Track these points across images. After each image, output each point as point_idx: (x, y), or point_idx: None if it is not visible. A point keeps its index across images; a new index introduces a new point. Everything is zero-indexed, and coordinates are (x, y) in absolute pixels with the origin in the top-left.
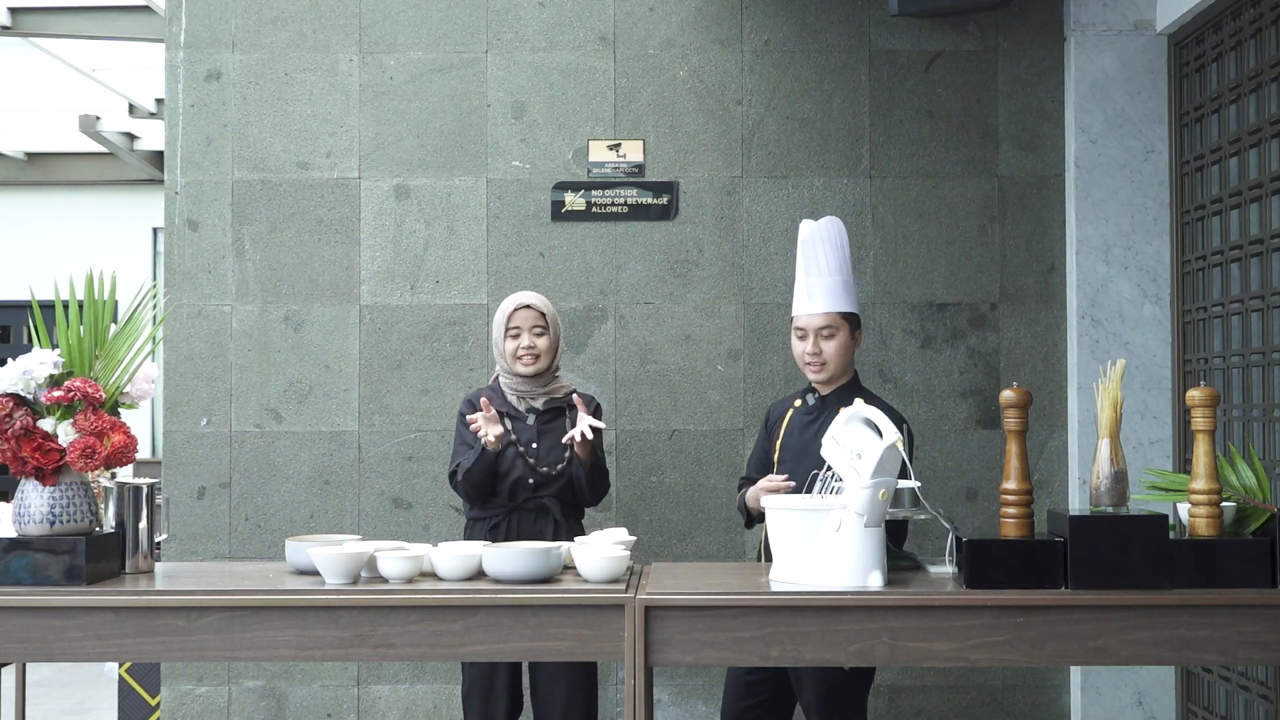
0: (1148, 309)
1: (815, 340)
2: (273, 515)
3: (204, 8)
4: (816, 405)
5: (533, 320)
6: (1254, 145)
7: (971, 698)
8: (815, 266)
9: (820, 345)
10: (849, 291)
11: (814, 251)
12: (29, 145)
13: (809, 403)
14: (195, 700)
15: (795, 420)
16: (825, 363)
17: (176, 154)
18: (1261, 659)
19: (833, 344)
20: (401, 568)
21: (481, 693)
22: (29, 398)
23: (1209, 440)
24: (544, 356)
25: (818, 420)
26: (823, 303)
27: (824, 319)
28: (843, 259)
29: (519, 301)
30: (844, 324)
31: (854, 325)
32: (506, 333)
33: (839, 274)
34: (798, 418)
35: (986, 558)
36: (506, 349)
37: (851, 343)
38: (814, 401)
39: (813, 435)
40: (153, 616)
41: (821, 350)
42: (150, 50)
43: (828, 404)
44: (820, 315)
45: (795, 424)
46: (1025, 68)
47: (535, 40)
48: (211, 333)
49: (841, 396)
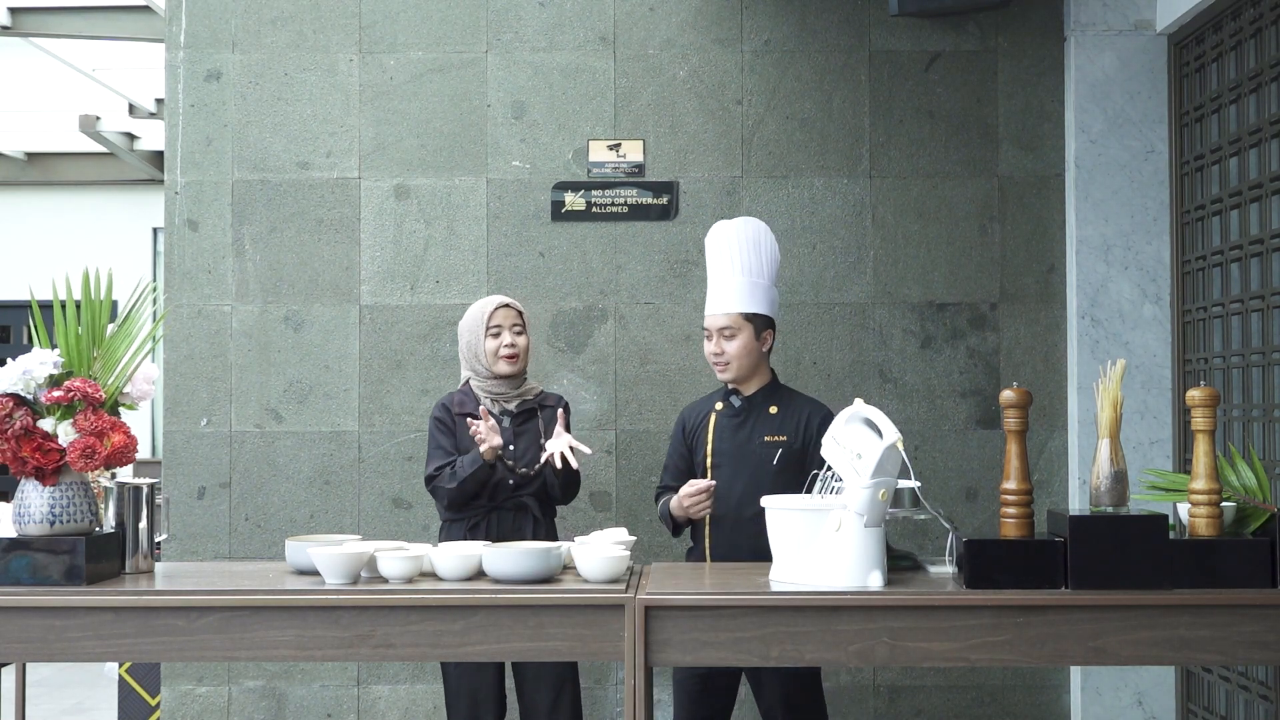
0: (1148, 309)
1: (718, 340)
2: (273, 515)
3: (204, 8)
4: (742, 407)
5: (512, 319)
6: (1254, 145)
7: (971, 698)
8: (718, 267)
9: (722, 345)
10: (757, 293)
11: (718, 252)
12: (29, 145)
13: (733, 405)
14: (195, 700)
15: (722, 424)
16: (728, 363)
17: (176, 154)
18: (1261, 659)
19: (734, 344)
20: (401, 568)
21: (469, 695)
22: (29, 398)
23: (1209, 440)
24: (523, 356)
25: (747, 422)
26: (723, 303)
27: (724, 319)
28: (755, 260)
29: (498, 301)
30: (746, 325)
31: (761, 326)
32: (487, 332)
33: (746, 275)
34: (724, 421)
35: (986, 558)
36: (486, 348)
37: (756, 344)
38: (739, 403)
39: (745, 437)
40: (153, 616)
41: (724, 350)
42: (150, 50)
43: (754, 404)
44: (721, 315)
45: (723, 428)
46: (1025, 68)
47: (535, 40)
48: (211, 333)
49: (766, 396)
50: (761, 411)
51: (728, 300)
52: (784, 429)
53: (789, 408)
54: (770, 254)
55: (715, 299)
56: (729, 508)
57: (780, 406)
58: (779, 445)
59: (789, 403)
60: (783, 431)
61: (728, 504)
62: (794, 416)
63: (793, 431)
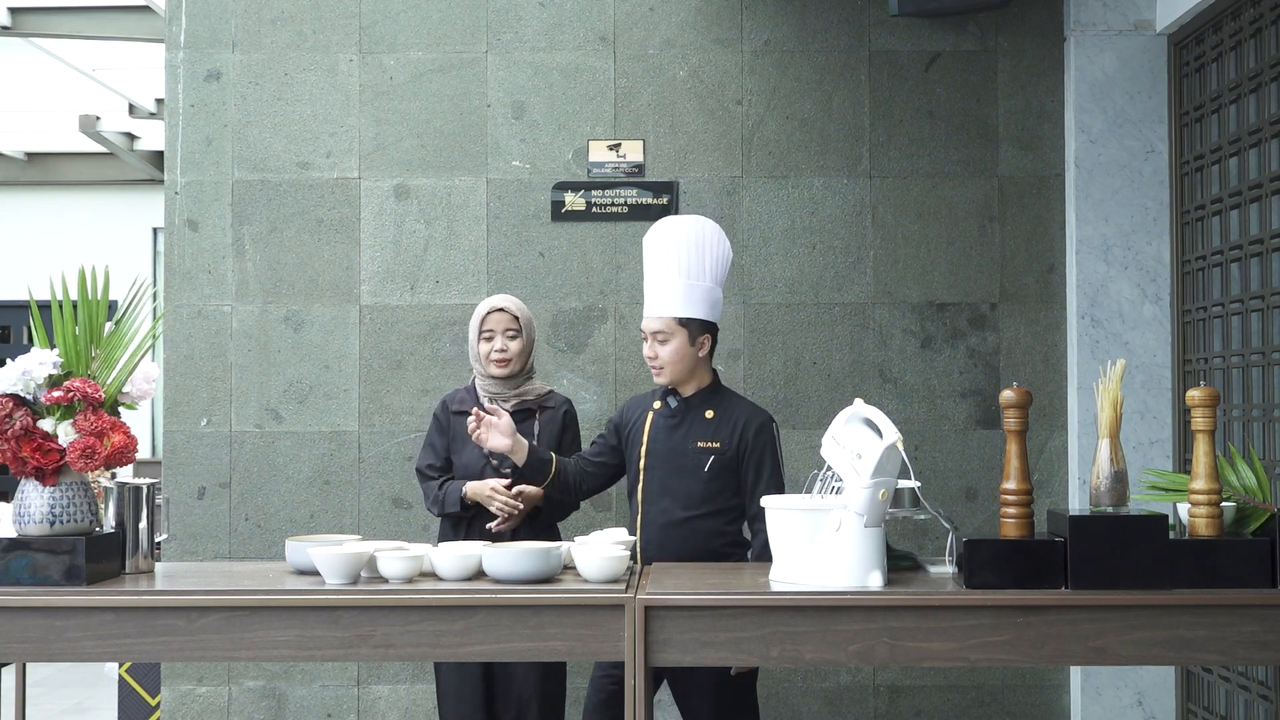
0: (1148, 309)
1: (652, 343)
2: (273, 515)
3: (204, 8)
4: (679, 408)
5: (505, 323)
6: (1254, 145)
7: (971, 698)
8: (654, 268)
9: (656, 349)
10: (693, 296)
11: (654, 253)
12: (29, 145)
13: (670, 405)
14: (195, 700)
15: (658, 425)
16: (661, 367)
17: (176, 154)
18: (1261, 659)
19: (667, 349)
20: (401, 568)
21: (454, 694)
22: (29, 398)
23: (1209, 440)
24: (515, 360)
25: (683, 424)
26: (656, 306)
27: (657, 323)
28: (695, 262)
29: (492, 304)
30: (680, 329)
31: (697, 331)
32: (480, 335)
33: (683, 277)
34: (660, 422)
35: (986, 558)
36: (480, 351)
37: (691, 349)
38: (676, 404)
39: (680, 439)
40: (153, 616)
41: (657, 355)
42: (150, 50)
43: (691, 406)
44: (654, 319)
45: (659, 428)
46: (1025, 68)
47: (535, 40)
48: (211, 333)
49: (705, 399)
50: (698, 415)
51: (661, 304)
52: (719, 435)
53: (726, 413)
54: (716, 254)
55: (649, 301)
56: (660, 510)
57: (717, 411)
58: (711, 452)
59: (727, 408)
60: (717, 438)
61: (659, 506)
62: (729, 423)
63: (727, 438)
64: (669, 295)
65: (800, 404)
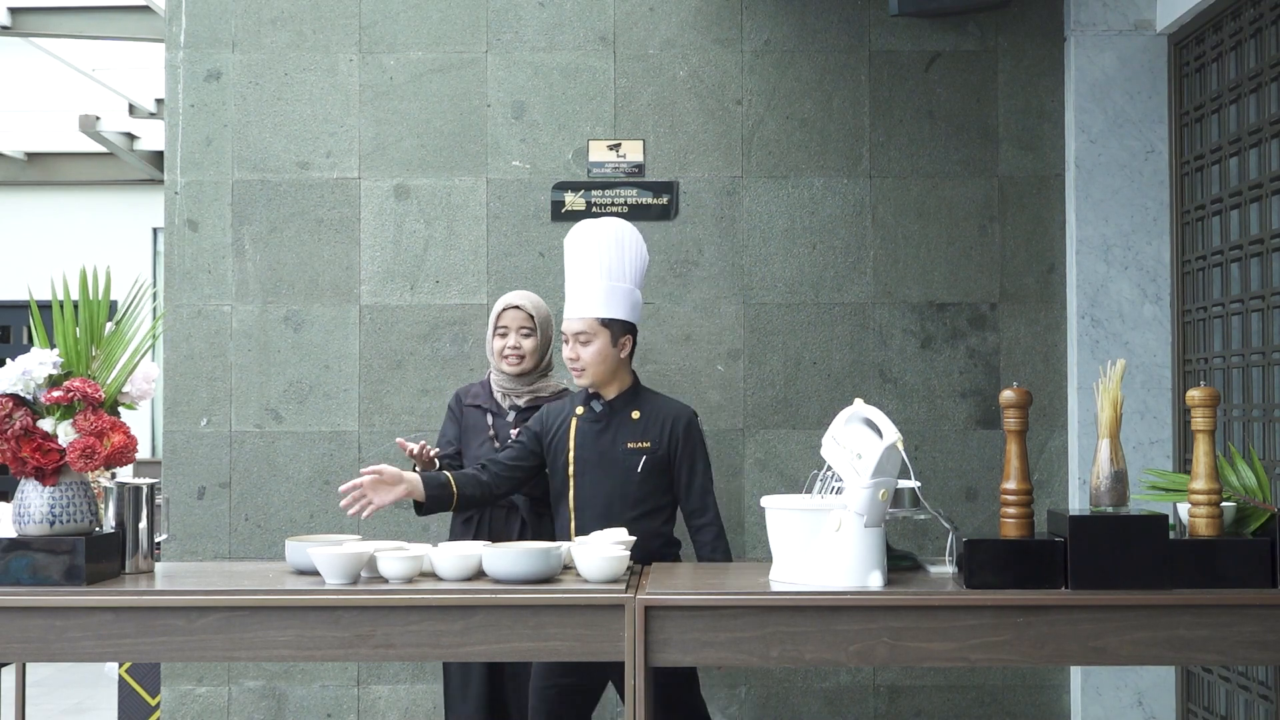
0: (1148, 309)
1: (573, 345)
2: (273, 515)
3: (204, 8)
4: (604, 412)
5: (520, 321)
6: (1254, 145)
7: (971, 698)
8: (574, 270)
9: (577, 351)
10: (613, 297)
11: (576, 253)
12: (29, 145)
13: (594, 410)
14: (195, 700)
15: (584, 430)
16: (583, 368)
17: (176, 154)
18: (1261, 659)
19: (589, 350)
20: (401, 568)
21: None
22: (29, 398)
23: (1209, 440)
24: (529, 357)
25: (609, 428)
26: (578, 307)
27: (579, 324)
28: (615, 262)
29: (508, 302)
30: (603, 330)
31: (619, 332)
32: (495, 331)
33: (605, 278)
34: (585, 427)
35: (986, 558)
36: (494, 347)
37: (613, 349)
38: (600, 408)
39: (608, 443)
40: (153, 616)
41: (579, 356)
42: (150, 50)
43: (615, 409)
44: (576, 320)
45: (585, 433)
46: (1025, 68)
47: (535, 40)
48: (211, 333)
49: (628, 400)
50: (623, 417)
51: (584, 304)
52: (647, 435)
53: (652, 413)
54: (635, 255)
55: (571, 302)
56: (595, 515)
57: (643, 412)
58: (643, 452)
59: (652, 408)
60: (646, 438)
61: (594, 511)
62: (657, 422)
63: (656, 438)
64: (591, 296)
65: (800, 404)
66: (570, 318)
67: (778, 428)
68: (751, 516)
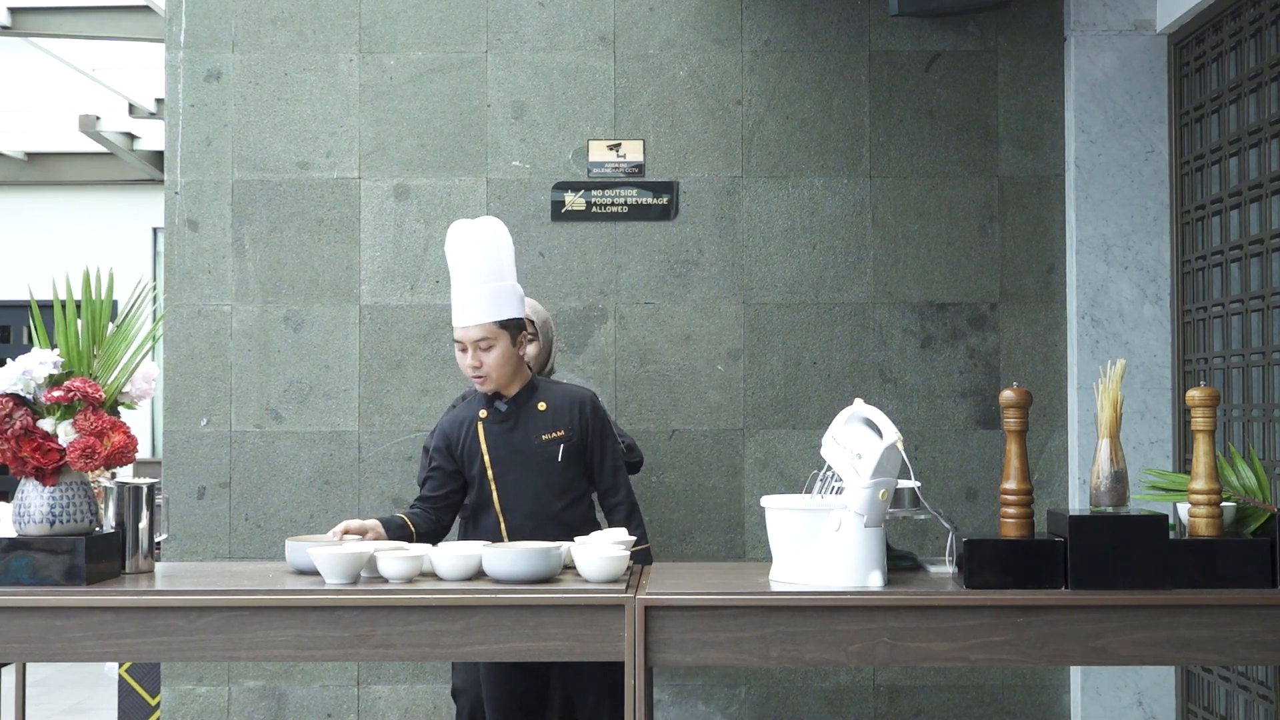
0: (1148, 309)
1: (475, 353)
2: (273, 515)
3: (204, 8)
4: (510, 410)
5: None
6: (1254, 145)
7: (971, 698)
8: (462, 275)
9: (480, 357)
10: (503, 297)
11: (458, 259)
12: (29, 145)
13: (500, 410)
14: (195, 700)
15: (492, 430)
16: (488, 375)
17: (176, 154)
18: (1261, 659)
19: (492, 355)
20: (401, 568)
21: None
22: (29, 398)
23: (1209, 440)
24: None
25: (519, 424)
26: (473, 314)
27: (479, 330)
28: (495, 263)
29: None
30: (502, 332)
31: (515, 330)
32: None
33: (490, 281)
34: (493, 428)
35: (986, 558)
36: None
37: (514, 349)
38: (505, 407)
39: (521, 439)
40: (153, 616)
41: (482, 363)
42: (150, 50)
43: (520, 404)
44: (475, 328)
45: (495, 434)
46: (1025, 68)
47: (535, 40)
48: (211, 333)
49: (530, 393)
50: (530, 410)
51: (480, 310)
52: (559, 424)
53: (557, 402)
54: (510, 251)
55: (466, 309)
56: (525, 514)
57: (548, 402)
58: (559, 441)
59: (555, 397)
60: (558, 427)
61: (522, 510)
62: (565, 409)
63: (568, 424)
64: (486, 300)
65: (800, 404)
66: (466, 325)
67: (778, 428)
68: (751, 516)
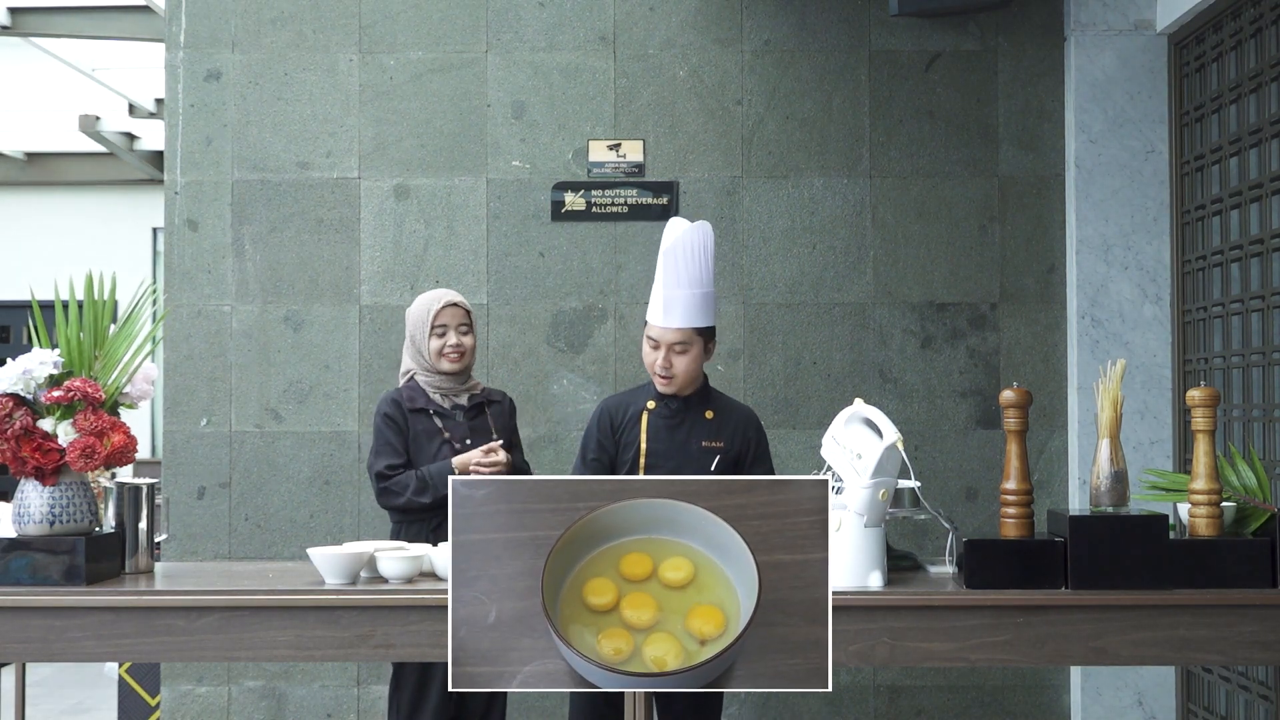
0: (1148, 309)
1: (668, 354)
2: (273, 515)
3: (204, 8)
4: (679, 408)
5: (459, 318)
6: (1254, 145)
7: (971, 698)
8: (674, 278)
9: (672, 359)
10: (708, 304)
11: (675, 262)
12: (29, 145)
13: (670, 406)
14: (195, 700)
15: (656, 424)
16: (674, 377)
17: (176, 154)
18: (1261, 659)
19: (684, 359)
20: (401, 568)
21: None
22: (29, 398)
23: (1209, 440)
24: (468, 354)
25: (684, 424)
26: (679, 318)
27: (678, 334)
28: (704, 269)
29: (446, 299)
30: (698, 339)
31: (708, 338)
32: (431, 331)
33: (698, 286)
34: (658, 421)
35: (986, 558)
36: (430, 347)
37: (704, 356)
38: (675, 405)
39: (682, 439)
40: (153, 616)
41: (673, 364)
42: (150, 50)
43: (690, 406)
44: (675, 331)
45: (658, 427)
46: (1025, 68)
47: (535, 40)
48: (211, 333)
49: (702, 400)
50: (698, 415)
51: (683, 314)
52: (721, 435)
53: (725, 415)
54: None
55: (669, 313)
56: None
57: (716, 413)
58: (716, 451)
59: (724, 410)
60: (720, 438)
61: None
62: (730, 425)
63: (729, 439)
64: (691, 305)
65: (800, 404)
66: (667, 327)
67: (778, 428)
68: None
